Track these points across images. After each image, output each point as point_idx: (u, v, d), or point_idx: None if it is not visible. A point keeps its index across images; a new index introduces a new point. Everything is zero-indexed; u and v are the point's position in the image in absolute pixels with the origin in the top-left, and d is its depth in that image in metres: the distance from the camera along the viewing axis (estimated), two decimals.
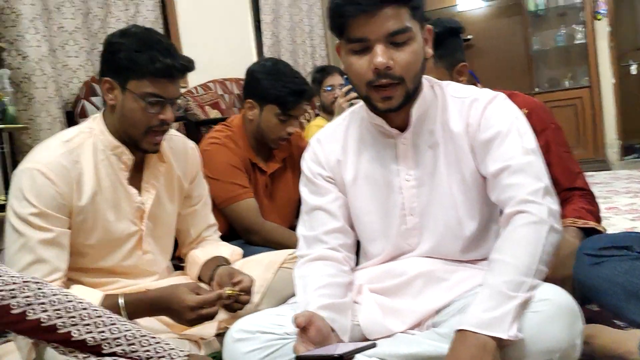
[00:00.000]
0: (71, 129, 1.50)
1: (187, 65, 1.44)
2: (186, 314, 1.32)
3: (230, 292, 1.38)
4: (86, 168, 1.43)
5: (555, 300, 1.06)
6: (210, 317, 1.35)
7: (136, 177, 1.52)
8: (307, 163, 1.38)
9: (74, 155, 1.41)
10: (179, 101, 1.50)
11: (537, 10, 5.50)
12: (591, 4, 5.18)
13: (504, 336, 1.00)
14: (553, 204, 1.15)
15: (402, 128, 1.27)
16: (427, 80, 1.30)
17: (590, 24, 5.18)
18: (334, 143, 1.36)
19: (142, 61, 1.37)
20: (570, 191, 1.72)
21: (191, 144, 1.71)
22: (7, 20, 2.50)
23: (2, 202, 2.28)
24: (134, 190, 1.50)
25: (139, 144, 1.45)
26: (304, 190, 1.38)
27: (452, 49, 1.77)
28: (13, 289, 0.87)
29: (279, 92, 2.02)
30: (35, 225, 1.34)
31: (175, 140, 1.64)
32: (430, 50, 1.25)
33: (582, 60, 5.37)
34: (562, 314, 1.05)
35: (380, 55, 1.14)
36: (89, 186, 1.42)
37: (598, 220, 1.68)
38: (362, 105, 1.33)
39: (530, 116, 1.75)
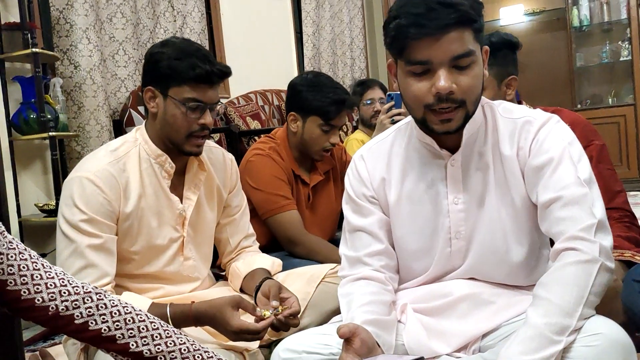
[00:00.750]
0: (117, 139, 1.56)
1: (225, 71, 1.50)
2: (229, 336, 1.35)
3: (281, 317, 1.38)
4: (132, 176, 1.48)
5: (608, 335, 1.03)
6: (253, 340, 1.38)
7: (178, 184, 1.57)
8: (350, 181, 1.35)
9: (121, 164, 1.47)
10: (217, 107, 1.55)
11: (581, 25, 5.42)
12: (637, 21, 5.08)
13: None
14: (605, 239, 1.10)
15: (452, 149, 1.23)
16: None
17: (636, 41, 5.08)
18: (378, 161, 1.33)
19: (182, 68, 1.43)
20: (608, 211, 1.67)
21: (229, 155, 1.76)
22: (61, 30, 2.59)
23: (53, 207, 2.35)
24: (175, 198, 1.54)
25: (182, 148, 1.50)
26: (346, 208, 1.35)
27: (504, 61, 1.77)
28: (76, 300, 0.90)
29: (320, 102, 2.06)
30: (85, 231, 1.39)
31: (214, 151, 1.69)
32: (487, 72, 1.21)
33: (627, 77, 5.26)
34: (617, 349, 1.02)
35: (444, 79, 1.10)
36: (135, 193, 1.47)
37: (638, 244, 1.63)
38: (409, 123, 1.30)
39: (573, 131, 1.73)
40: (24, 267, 0.88)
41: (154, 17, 3.12)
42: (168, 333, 0.94)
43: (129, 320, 0.92)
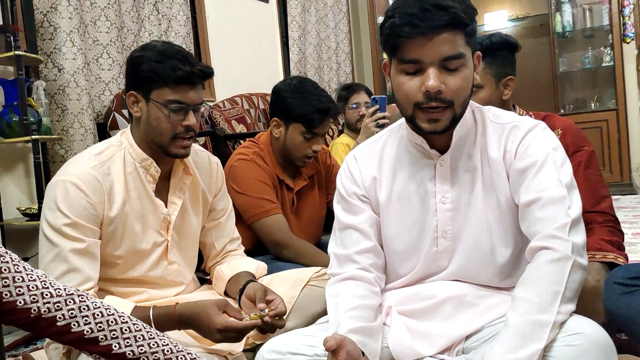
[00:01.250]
0: (101, 143, 1.55)
1: (206, 72, 1.49)
2: (213, 335, 1.34)
3: (267, 318, 1.37)
4: (116, 180, 1.47)
5: (590, 334, 1.05)
6: (237, 340, 1.37)
7: (163, 188, 1.56)
8: (342, 180, 1.38)
9: (105, 167, 1.46)
10: (201, 109, 1.54)
11: (564, 31, 5.48)
12: (619, 27, 5.15)
13: None
14: (579, 237, 1.13)
15: (442, 150, 1.27)
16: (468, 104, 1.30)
17: (618, 47, 5.15)
18: (370, 161, 1.36)
19: (162, 71, 1.43)
20: (592, 214, 1.70)
21: (215, 159, 1.75)
22: (45, 33, 2.57)
23: (36, 211, 2.33)
24: (160, 202, 1.54)
25: (167, 150, 1.49)
26: (337, 207, 1.38)
27: (503, 61, 1.81)
28: (58, 302, 0.90)
29: (304, 110, 2.04)
30: (68, 235, 1.37)
31: (200, 155, 1.69)
32: (477, 77, 1.25)
33: (609, 82, 5.33)
34: (598, 349, 1.04)
35: (433, 78, 1.14)
36: (119, 197, 1.46)
37: (620, 248, 1.66)
38: (401, 125, 1.33)
39: (564, 137, 1.75)
40: (5, 270, 0.87)
41: (139, 20, 3.11)
42: (151, 335, 0.94)
43: (112, 322, 0.92)
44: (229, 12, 4.02)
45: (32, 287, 0.89)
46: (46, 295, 0.89)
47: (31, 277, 0.89)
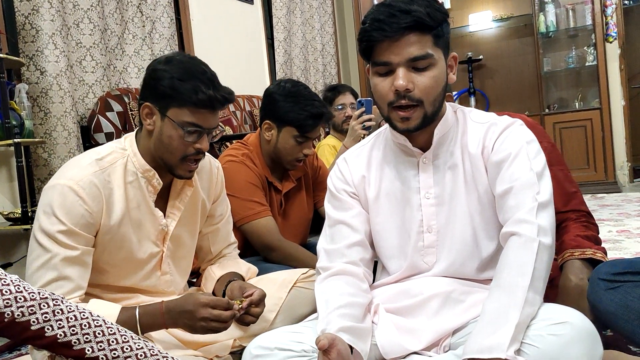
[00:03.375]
0: (104, 146, 1.49)
1: (228, 98, 1.44)
2: (199, 312, 1.32)
3: (238, 303, 1.39)
4: (116, 188, 1.42)
5: (575, 324, 1.07)
6: (223, 321, 1.34)
7: (162, 198, 1.52)
8: (333, 180, 1.43)
9: (106, 174, 1.40)
10: (215, 132, 1.49)
11: (548, 31, 5.53)
12: (602, 27, 5.20)
13: (502, 356, 1.02)
14: (545, 219, 1.18)
15: (424, 148, 1.33)
16: (450, 106, 1.36)
17: (601, 46, 5.21)
18: (359, 161, 1.42)
19: (184, 90, 1.37)
20: (565, 213, 1.71)
21: (216, 163, 1.71)
22: (27, 36, 2.55)
23: (19, 215, 2.30)
24: (159, 213, 1.50)
25: (173, 170, 1.46)
26: (327, 206, 1.43)
27: None
28: (32, 306, 0.88)
29: (297, 115, 2.04)
30: (61, 242, 1.33)
31: (201, 159, 1.65)
32: (454, 77, 1.31)
33: (593, 82, 5.38)
34: (583, 338, 1.06)
35: (401, 78, 1.21)
36: (118, 207, 1.41)
37: (597, 242, 1.67)
38: (387, 127, 1.38)
39: None
40: None
41: (122, 22, 3.09)
42: (125, 338, 0.93)
43: (85, 325, 0.91)
44: (213, 14, 4.00)
45: (6, 292, 0.88)
46: (20, 299, 0.88)
47: (4, 282, 0.88)
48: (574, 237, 1.63)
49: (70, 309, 0.92)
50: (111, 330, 0.93)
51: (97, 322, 0.93)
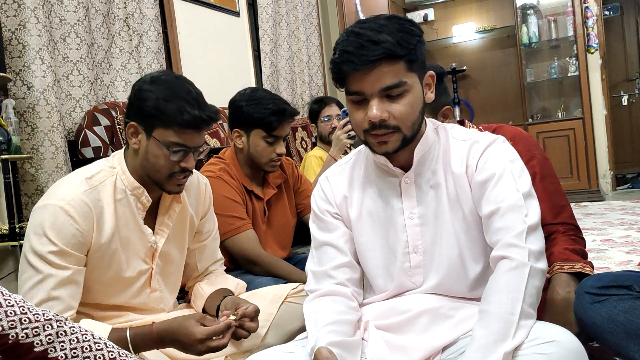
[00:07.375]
0: (93, 165, 1.49)
1: (214, 117, 1.44)
2: (195, 347, 1.32)
3: (234, 316, 1.39)
4: (106, 206, 1.42)
5: (562, 342, 1.08)
6: (219, 348, 1.35)
7: (150, 215, 1.53)
8: (316, 200, 1.42)
9: (96, 192, 1.40)
10: (201, 150, 1.49)
11: (530, 42, 5.62)
12: (583, 38, 5.29)
13: None
14: (536, 243, 1.18)
15: (406, 168, 1.31)
16: (431, 122, 1.35)
17: (583, 57, 5.29)
18: (341, 180, 1.40)
19: (169, 111, 1.38)
20: (554, 225, 1.73)
21: (204, 179, 1.72)
22: (13, 51, 2.54)
23: (6, 232, 2.29)
24: (148, 230, 1.50)
25: (163, 186, 1.47)
26: (312, 227, 1.41)
27: (435, 94, 1.82)
28: (36, 327, 0.89)
29: (261, 114, 2.07)
30: (52, 263, 1.32)
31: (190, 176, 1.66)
32: (432, 95, 1.30)
33: (575, 92, 5.47)
34: (571, 356, 1.07)
35: (375, 109, 1.19)
36: (108, 225, 1.42)
37: (584, 256, 1.70)
38: None
39: (516, 145, 1.77)
40: None
41: (109, 36, 3.09)
42: None
43: (86, 349, 0.92)
44: (200, 27, 4.01)
45: (10, 313, 0.88)
46: (24, 320, 0.88)
47: (9, 303, 0.89)
48: (563, 250, 1.65)
49: (73, 330, 0.93)
50: (112, 355, 0.94)
51: (99, 345, 0.94)
